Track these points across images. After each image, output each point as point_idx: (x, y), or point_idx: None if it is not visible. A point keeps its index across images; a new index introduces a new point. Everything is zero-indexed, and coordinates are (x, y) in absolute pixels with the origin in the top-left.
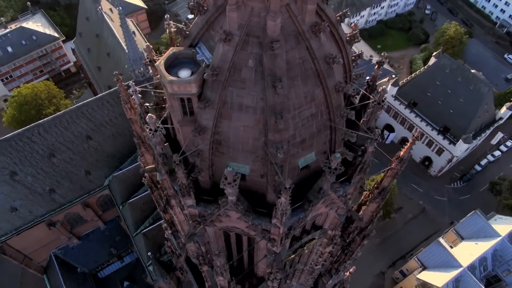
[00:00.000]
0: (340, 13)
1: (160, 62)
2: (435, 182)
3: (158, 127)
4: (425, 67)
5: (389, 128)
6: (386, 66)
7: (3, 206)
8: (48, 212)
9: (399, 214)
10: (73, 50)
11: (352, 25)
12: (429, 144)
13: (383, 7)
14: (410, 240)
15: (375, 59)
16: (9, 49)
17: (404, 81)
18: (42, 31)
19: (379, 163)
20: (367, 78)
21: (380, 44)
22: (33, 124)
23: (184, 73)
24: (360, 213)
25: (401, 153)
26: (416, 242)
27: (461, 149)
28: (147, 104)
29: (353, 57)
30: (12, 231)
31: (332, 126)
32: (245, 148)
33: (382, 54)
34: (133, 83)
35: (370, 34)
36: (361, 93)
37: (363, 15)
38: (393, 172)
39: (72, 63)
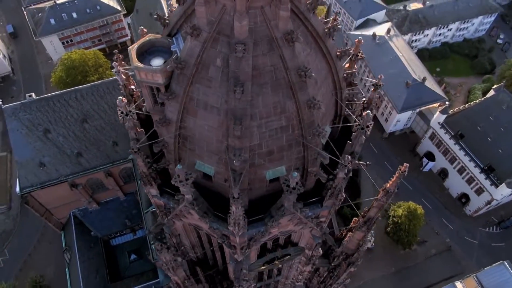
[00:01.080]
0: (329, 25)
1: (133, 47)
2: (468, 222)
3: (130, 111)
4: (482, 99)
5: (430, 156)
6: (439, 91)
7: (33, 160)
8: (72, 173)
9: (422, 247)
10: (128, 24)
11: (356, 40)
12: (469, 181)
13: (450, 29)
14: (428, 277)
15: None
16: (74, 15)
17: (455, 109)
18: (106, 2)
19: (412, 190)
20: (363, 99)
21: (439, 67)
22: (72, 88)
23: (157, 62)
24: (345, 239)
25: (388, 185)
26: (433, 281)
27: (502, 193)
28: (133, 87)
29: (344, 75)
30: (37, 184)
31: (305, 143)
32: (210, 149)
33: (424, 77)
34: (116, 63)
35: (431, 55)
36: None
37: (427, 35)
38: (379, 204)
39: (128, 37)
